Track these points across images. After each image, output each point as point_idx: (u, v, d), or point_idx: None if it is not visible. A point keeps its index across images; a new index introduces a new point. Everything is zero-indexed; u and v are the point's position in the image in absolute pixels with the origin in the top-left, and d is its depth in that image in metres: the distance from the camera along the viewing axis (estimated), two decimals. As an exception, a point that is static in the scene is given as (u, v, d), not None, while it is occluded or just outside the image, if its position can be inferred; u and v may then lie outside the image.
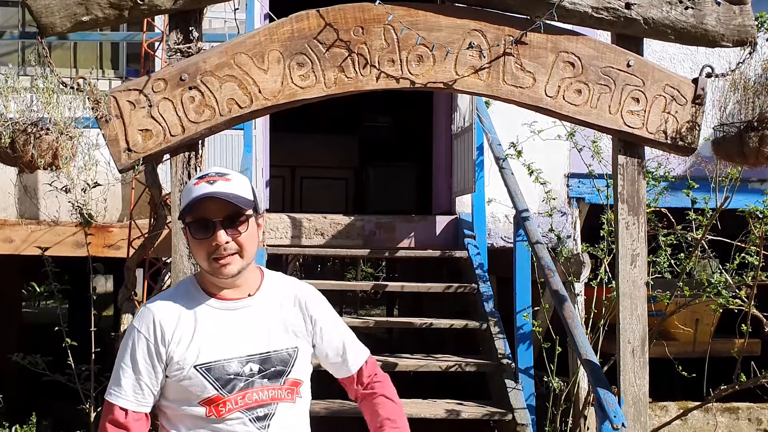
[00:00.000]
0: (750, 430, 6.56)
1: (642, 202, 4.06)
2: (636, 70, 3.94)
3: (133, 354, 2.24)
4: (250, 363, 2.26)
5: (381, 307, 17.70)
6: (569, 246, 6.48)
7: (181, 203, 2.30)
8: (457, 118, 6.93)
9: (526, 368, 5.44)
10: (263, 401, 2.26)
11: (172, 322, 2.25)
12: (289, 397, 2.31)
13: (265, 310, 2.34)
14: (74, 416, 5.24)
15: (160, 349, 2.23)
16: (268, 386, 2.27)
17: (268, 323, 2.33)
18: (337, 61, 3.82)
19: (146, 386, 2.24)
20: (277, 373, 2.29)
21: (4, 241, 5.70)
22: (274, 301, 2.36)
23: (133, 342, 2.26)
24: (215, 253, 2.23)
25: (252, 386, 2.25)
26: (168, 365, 2.23)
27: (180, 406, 2.25)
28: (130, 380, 2.24)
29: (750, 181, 6.52)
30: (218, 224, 2.22)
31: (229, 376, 2.23)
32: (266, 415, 2.26)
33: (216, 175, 2.27)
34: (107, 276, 13.86)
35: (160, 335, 2.24)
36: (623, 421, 3.78)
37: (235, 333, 2.27)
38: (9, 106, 3.68)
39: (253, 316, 2.31)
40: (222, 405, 2.22)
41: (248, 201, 2.26)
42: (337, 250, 6.73)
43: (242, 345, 2.27)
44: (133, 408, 2.24)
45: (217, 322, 2.27)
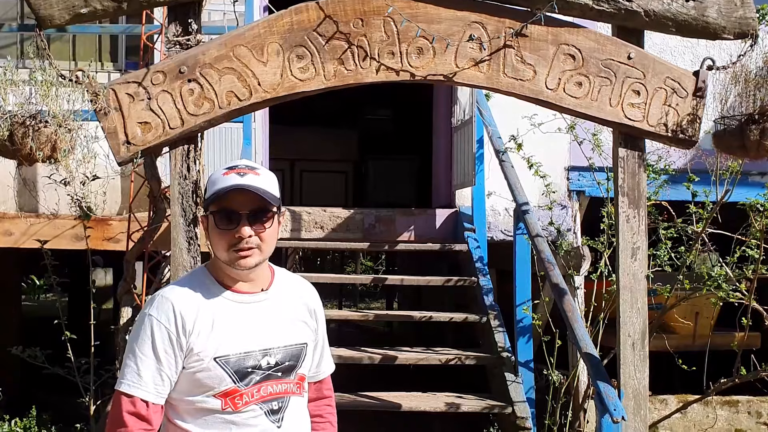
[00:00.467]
0: (750, 423, 6.55)
1: (642, 195, 4.05)
2: (637, 63, 3.92)
3: (154, 343, 2.19)
4: (267, 357, 2.26)
5: (380, 300, 17.71)
6: (569, 239, 6.46)
7: (206, 191, 2.28)
8: (457, 111, 6.92)
9: (526, 361, 5.44)
10: (277, 394, 2.27)
11: (192, 312, 2.22)
12: (298, 391, 2.34)
13: (279, 305, 2.35)
14: (74, 409, 5.24)
15: (181, 339, 2.19)
16: (282, 380, 2.29)
17: (281, 318, 2.34)
18: (336, 54, 3.81)
19: (166, 377, 2.20)
20: (290, 368, 2.31)
21: (4, 234, 5.69)
22: (285, 297, 2.38)
23: (152, 331, 2.20)
24: (237, 245, 2.22)
25: (268, 379, 2.26)
26: (187, 356, 2.20)
27: (191, 398, 2.23)
28: (150, 370, 2.19)
29: (750, 174, 6.51)
30: (244, 217, 2.22)
31: (246, 369, 2.22)
32: (280, 408, 2.27)
33: (246, 167, 2.26)
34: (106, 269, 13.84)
35: (181, 325, 2.20)
36: (623, 415, 3.77)
37: (252, 326, 2.27)
38: (7, 98, 3.67)
39: (268, 311, 2.32)
40: (239, 398, 2.21)
41: (276, 197, 2.27)
42: (337, 243, 6.72)
43: (259, 338, 2.27)
44: (153, 399, 2.20)
45: (235, 315, 2.27)
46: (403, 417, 5.52)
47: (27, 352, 5.10)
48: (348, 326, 13.03)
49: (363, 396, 5.27)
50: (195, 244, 3.82)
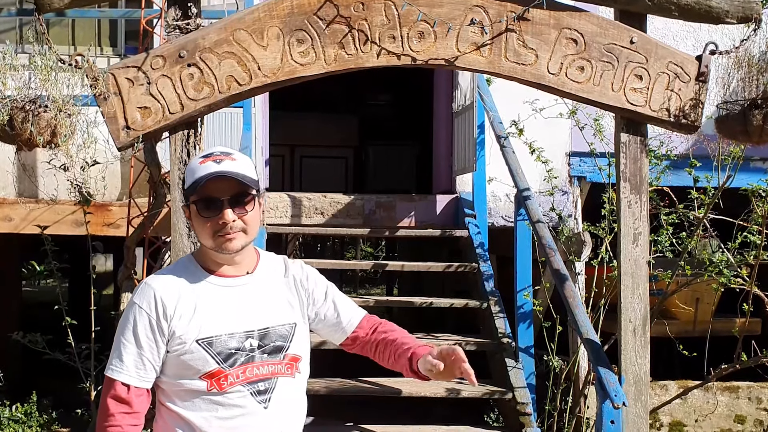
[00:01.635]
0: (750, 409, 6.56)
1: (644, 180, 4.03)
2: (639, 47, 3.90)
3: (135, 329, 2.25)
4: (250, 338, 2.28)
5: (380, 286, 17.74)
6: (570, 225, 6.46)
7: (185, 181, 2.31)
8: (457, 96, 6.89)
9: (527, 347, 5.44)
10: (264, 375, 2.29)
11: (173, 297, 2.27)
12: (288, 372, 2.34)
13: (264, 287, 2.37)
14: (74, 394, 5.24)
15: (162, 324, 2.24)
16: (269, 361, 2.30)
17: (266, 299, 2.36)
18: (337, 38, 3.78)
19: (148, 361, 2.25)
20: (277, 349, 2.32)
21: (3, 220, 5.68)
22: (270, 279, 2.40)
23: (134, 317, 2.26)
24: (221, 231, 2.26)
25: (252, 361, 2.28)
26: (170, 340, 2.25)
27: (180, 381, 2.27)
28: (132, 356, 2.25)
29: (752, 159, 6.49)
30: (226, 203, 2.25)
31: (230, 351, 2.25)
32: (267, 389, 2.29)
33: (221, 154, 2.29)
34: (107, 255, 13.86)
35: (162, 310, 2.25)
36: (624, 400, 3.77)
37: (235, 309, 2.30)
38: (7, 83, 3.65)
39: (252, 293, 2.35)
40: (224, 379, 2.24)
41: (254, 180, 2.30)
42: (337, 229, 6.71)
43: (242, 320, 2.29)
44: (136, 383, 2.25)
45: (218, 298, 2.30)
46: (403, 403, 5.53)
47: (27, 337, 5.10)
48: (348, 312, 13.05)
49: (363, 382, 5.26)
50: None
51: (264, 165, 6.90)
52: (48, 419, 5.48)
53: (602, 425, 3.80)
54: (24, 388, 6.04)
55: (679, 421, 6.52)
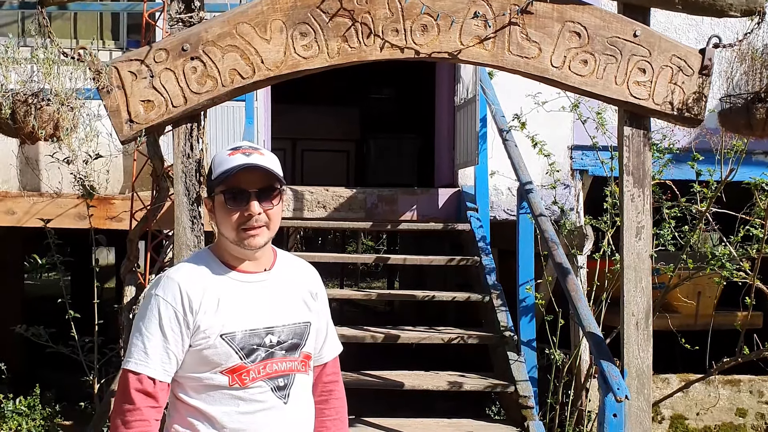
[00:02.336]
0: (751, 402, 6.57)
1: (647, 174, 4.03)
2: (643, 41, 3.90)
3: (161, 322, 2.23)
4: (270, 335, 2.29)
5: (381, 280, 17.72)
6: (572, 218, 6.46)
7: (212, 172, 2.31)
8: (460, 89, 6.89)
9: (529, 341, 5.44)
10: (283, 372, 2.30)
11: (197, 291, 2.26)
12: (303, 369, 2.36)
13: (282, 285, 2.38)
14: (78, 387, 5.25)
15: (187, 318, 2.23)
16: (286, 358, 2.31)
17: (284, 297, 2.37)
18: (340, 31, 3.78)
19: (173, 355, 2.23)
20: (293, 346, 2.34)
21: (6, 213, 5.68)
22: (287, 277, 2.41)
23: (158, 310, 2.24)
24: (246, 223, 2.26)
25: (272, 357, 2.29)
26: (194, 334, 2.24)
27: (199, 375, 2.26)
28: (158, 349, 2.22)
29: (755, 153, 6.48)
30: (253, 195, 2.26)
31: (252, 346, 2.26)
32: (286, 385, 2.30)
33: (250, 148, 2.31)
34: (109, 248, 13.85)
35: (188, 304, 2.24)
36: (627, 394, 3.77)
37: (255, 305, 2.31)
38: (9, 76, 3.65)
39: (272, 290, 2.35)
40: (246, 374, 2.25)
41: (280, 176, 2.31)
42: (339, 222, 6.71)
43: (262, 317, 2.30)
44: (160, 377, 2.23)
45: (239, 294, 2.30)
46: (405, 396, 5.54)
47: (31, 330, 5.11)
48: (349, 305, 13.04)
49: (365, 375, 5.28)
50: (198, 223, 3.81)
51: (266, 158, 6.88)
52: (51, 412, 5.49)
53: (604, 418, 3.81)
54: (27, 380, 6.05)
55: (680, 415, 6.53)
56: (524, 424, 5.04)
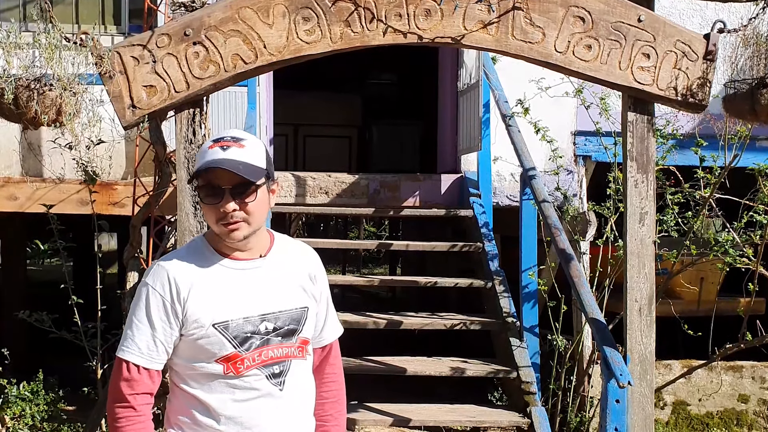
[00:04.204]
0: (754, 388, 6.58)
1: (651, 159, 4.02)
2: (647, 25, 3.87)
3: (148, 311, 2.24)
4: (265, 321, 2.28)
5: (384, 266, 17.75)
6: (575, 204, 6.45)
7: (196, 164, 2.30)
8: (463, 74, 6.86)
9: (531, 327, 5.45)
10: (278, 358, 2.30)
11: (187, 280, 2.26)
12: (300, 354, 2.36)
13: (277, 271, 2.36)
14: (81, 373, 5.26)
15: (176, 307, 2.24)
16: (283, 344, 2.31)
17: (280, 283, 2.35)
18: (343, 16, 3.76)
19: (161, 343, 2.24)
20: (290, 332, 2.32)
21: (9, 199, 5.69)
22: (284, 262, 2.39)
23: (147, 299, 2.25)
24: (223, 219, 2.24)
25: (268, 344, 2.28)
26: (184, 324, 2.24)
27: (195, 364, 2.27)
28: (144, 337, 2.24)
29: (759, 138, 6.47)
30: (227, 192, 2.23)
31: (246, 335, 2.25)
32: (281, 372, 2.30)
33: (231, 140, 2.25)
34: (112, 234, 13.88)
35: (176, 293, 2.24)
36: (629, 380, 3.78)
37: (249, 292, 2.30)
38: (12, 61, 3.63)
39: (266, 276, 2.34)
40: (240, 362, 2.24)
41: (259, 170, 2.25)
42: (342, 208, 6.71)
43: (257, 304, 2.29)
44: (146, 365, 2.24)
45: (232, 282, 2.29)
46: (407, 381, 5.55)
47: (34, 316, 5.11)
48: (351, 291, 13.08)
49: (368, 360, 5.28)
50: (201, 208, 3.80)
51: (269, 144, 6.89)
52: (54, 397, 5.50)
53: (607, 404, 3.81)
54: (30, 366, 6.06)
55: (682, 401, 6.54)
56: (527, 410, 5.05)
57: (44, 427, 5.28)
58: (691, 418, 6.54)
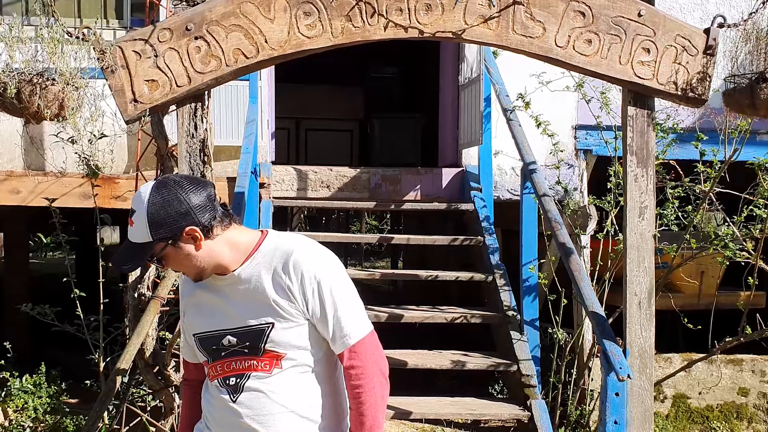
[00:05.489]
0: (754, 381, 6.60)
1: (651, 154, 4.03)
2: (647, 20, 3.88)
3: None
4: (228, 336, 2.35)
5: (385, 259, 17.76)
6: (576, 198, 6.46)
7: None
8: (464, 68, 6.87)
9: (532, 320, 5.47)
10: (238, 371, 2.35)
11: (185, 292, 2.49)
12: (265, 368, 2.31)
13: (247, 285, 2.30)
14: (83, 366, 5.29)
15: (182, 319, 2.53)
16: (247, 357, 2.33)
17: (245, 298, 2.31)
18: (344, 10, 3.77)
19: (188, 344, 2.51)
20: (253, 347, 2.31)
21: (11, 193, 5.71)
22: (258, 276, 2.30)
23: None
24: None
25: (231, 356, 2.36)
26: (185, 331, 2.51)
27: None
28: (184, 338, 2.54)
29: (759, 133, 6.48)
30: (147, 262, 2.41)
31: (211, 347, 2.39)
32: (237, 384, 2.35)
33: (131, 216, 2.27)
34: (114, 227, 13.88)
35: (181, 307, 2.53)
36: (629, 373, 3.79)
37: (218, 307, 2.38)
38: (14, 56, 3.64)
39: (234, 292, 2.33)
40: (210, 370, 2.42)
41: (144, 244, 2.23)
42: (343, 202, 6.73)
43: (222, 318, 2.36)
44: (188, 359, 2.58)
45: (208, 296, 2.40)
46: (407, 374, 5.57)
47: (36, 309, 5.13)
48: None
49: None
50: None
51: (270, 138, 6.90)
52: (57, 390, 5.53)
53: (606, 397, 3.83)
54: (33, 359, 6.09)
55: (682, 394, 6.56)
56: (527, 403, 5.07)
57: (47, 419, 5.31)
58: (691, 412, 6.56)
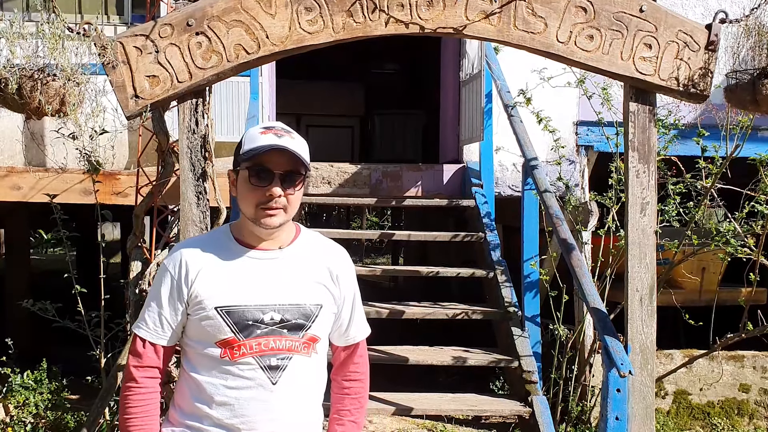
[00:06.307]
0: (755, 378, 6.60)
1: (653, 150, 4.03)
2: (649, 16, 3.88)
3: (158, 289, 2.34)
4: (272, 312, 2.28)
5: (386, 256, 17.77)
6: (577, 194, 6.46)
7: (242, 146, 2.32)
8: (465, 64, 6.87)
9: (533, 316, 5.47)
10: (279, 350, 2.29)
11: (198, 263, 2.32)
12: (305, 351, 2.34)
13: (295, 264, 2.37)
14: (84, 362, 5.29)
15: (182, 287, 2.31)
16: (287, 337, 2.30)
17: (295, 276, 2.35)
18: (345, 6, 3.76)
19: (166, 321, 2.33)
20: (298, 326, 2.31)
21: (12, 189, 5.70)
22: (305, 257, 2.39)
23: (160, 278, 2.36)
24: (265, 203, 2.28)
25: (271, 334, 2.28)
26: (189, 304, 2.31)
27: (199, 346, 2.31)
28: (153, 314, 2.33)
29: (761, 129, 6.47)
30: (277, 177, 2.28)
31: (247, 322, 2.26)
32: (279, 366, 2.29)
33: (282, 130, 2.31)
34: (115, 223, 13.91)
35: (185, 274, 2.31)
36: (630, 369, 3.79)
37: (259, 281, 2.31)
38: (15, 51, 3.64)
39: (281, 268, 2.35)
40: (237, 348, 2.26)
41: (307, 163, 2.33)
42: (344, 198, 6.72)
43: (265, 294, 2.30)
44: (151, 339, 2.33)
45: (244, 269, 2.31)
46: (409, 371, 5.57)
47: (37, 305, 5.13)
48: (354, 281, 13.09)
49: (369, 349, 5.25)
50: (204, 198, 3.82)
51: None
52: (58, 386, 5.52)
53: (608, 393, 3.83)
54: (34, 355, 6.09)
55: (684, 390, 6.56)
56: (528, 399, 5.07)
57: (48, 415, 5.30)
58: (692, 408, 6.56)
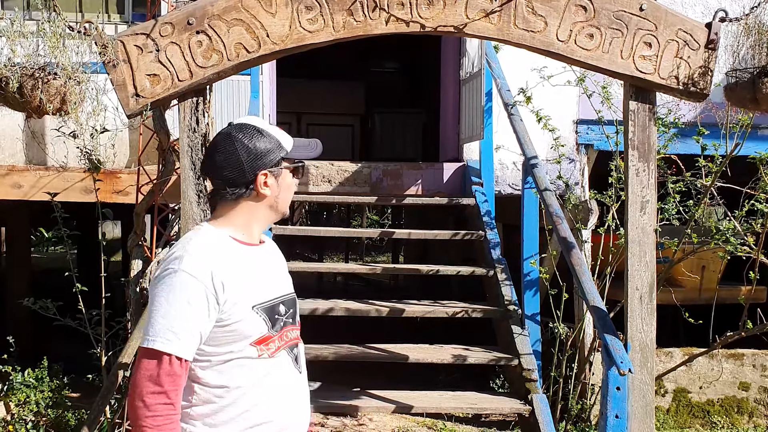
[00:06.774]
0: (754, 376, 6.61)
1: (652, 148, 4.03)
2: (649, 14, 3.88)
3: (189, 300, 2.11)
4: (282, 304, 2.32)
5: (386, 254, 17.77)
6: (577, 193, 6.47)
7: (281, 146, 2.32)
8: (465, 63, 6.87)
9: (533, 314, 5.48)
10: (294, 340, 2.35)
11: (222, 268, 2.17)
12: (301, 338, 2.40)
13: (274, 257, 2.45)
14: (85, 360, 5.30)
15: (218, 295, 2.14)
16: (293, 326, 2.35)
17: (280, 269, 2.44)
18: (345, 4, 3.77)
19: (200, 334, 2.13)
20: (294, 314, 2.38)
21: (13, 187, 5.71)
22: (273, 251, 2.47)
23: (186, 287, 2.12)
24: None
25: (286, 326, 2.32)
26: (224, 310, 2.15)
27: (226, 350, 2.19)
28: (188, 327, 2.11)
29: (760, 127, 6.47)
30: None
31: (274, 316, 2.26)
32: (297, 355, 2.35)
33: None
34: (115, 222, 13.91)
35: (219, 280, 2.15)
36: (630, 367, 3.80)
37: (270, 275, 2.34)
38: (16, 50, 3.65)
39: (272, 261, 2.41)
40: (272, 343, 2.23)
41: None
42: (345, 197, 6.73)
43: (277, 286, 2.34)
44: (188, 356, 2.12)
45: (257, 266, 2.30)
46: (409, 369, 5.58)
47: (38, 303, 5.14)
48: (354, 279, 13.12)
49: (370, 348, 5.31)
50: (204, 196, 3.83)
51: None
52: (59, 384, 5.53)
53: (607, 391, 3.84)
54: (35, 353, 6.10)
55: (683, 388, 6.57)
56: (528, 397, 5.08)
57: (48, 413, 5.31)
58: (691, 406, 6.56)
